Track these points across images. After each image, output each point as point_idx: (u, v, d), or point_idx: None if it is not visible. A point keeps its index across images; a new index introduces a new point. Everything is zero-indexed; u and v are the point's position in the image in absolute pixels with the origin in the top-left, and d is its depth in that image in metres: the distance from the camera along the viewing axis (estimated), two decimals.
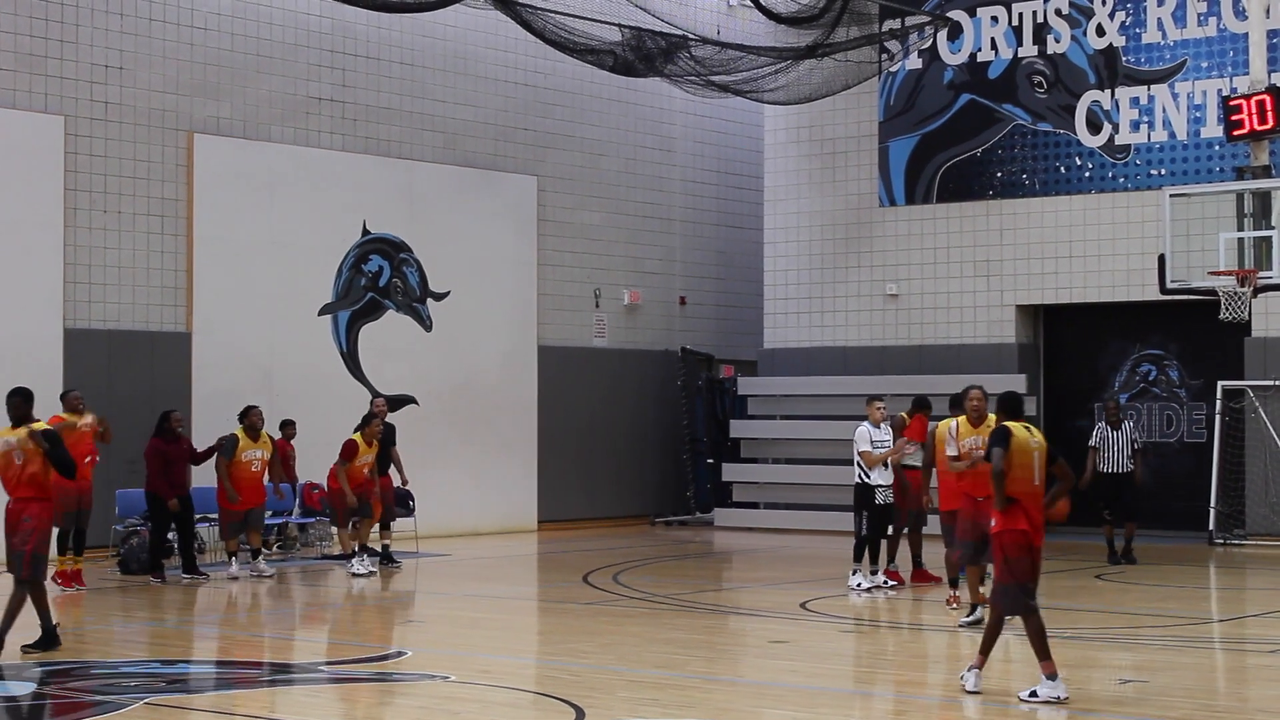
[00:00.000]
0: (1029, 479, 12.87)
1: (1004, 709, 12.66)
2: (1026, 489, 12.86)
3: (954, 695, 13.34)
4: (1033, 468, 12.89)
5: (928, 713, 12.54)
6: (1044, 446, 13.09)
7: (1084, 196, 27.89)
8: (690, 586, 21.13)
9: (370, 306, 27.09)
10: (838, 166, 30.26)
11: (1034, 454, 12.94)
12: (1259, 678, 14.38)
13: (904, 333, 29.46)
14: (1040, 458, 12.98)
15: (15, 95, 23.18)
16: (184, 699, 12.96)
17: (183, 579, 20.82)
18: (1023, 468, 12.86)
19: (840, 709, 12.73)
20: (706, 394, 31.57)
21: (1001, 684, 13.75)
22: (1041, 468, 12.98)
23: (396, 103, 27.43)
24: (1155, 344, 28.27)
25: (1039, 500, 13.01)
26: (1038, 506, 13.01)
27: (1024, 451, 12.90)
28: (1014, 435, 12.96)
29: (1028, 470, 12.87)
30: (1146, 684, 13.35)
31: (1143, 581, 21.47)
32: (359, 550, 22.10)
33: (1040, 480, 12.97)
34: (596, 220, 30.48)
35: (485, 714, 12.18)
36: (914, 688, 13.57)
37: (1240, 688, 14.00)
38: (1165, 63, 27.25)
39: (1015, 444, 12.90)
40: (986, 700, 13.10)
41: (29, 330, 23.11)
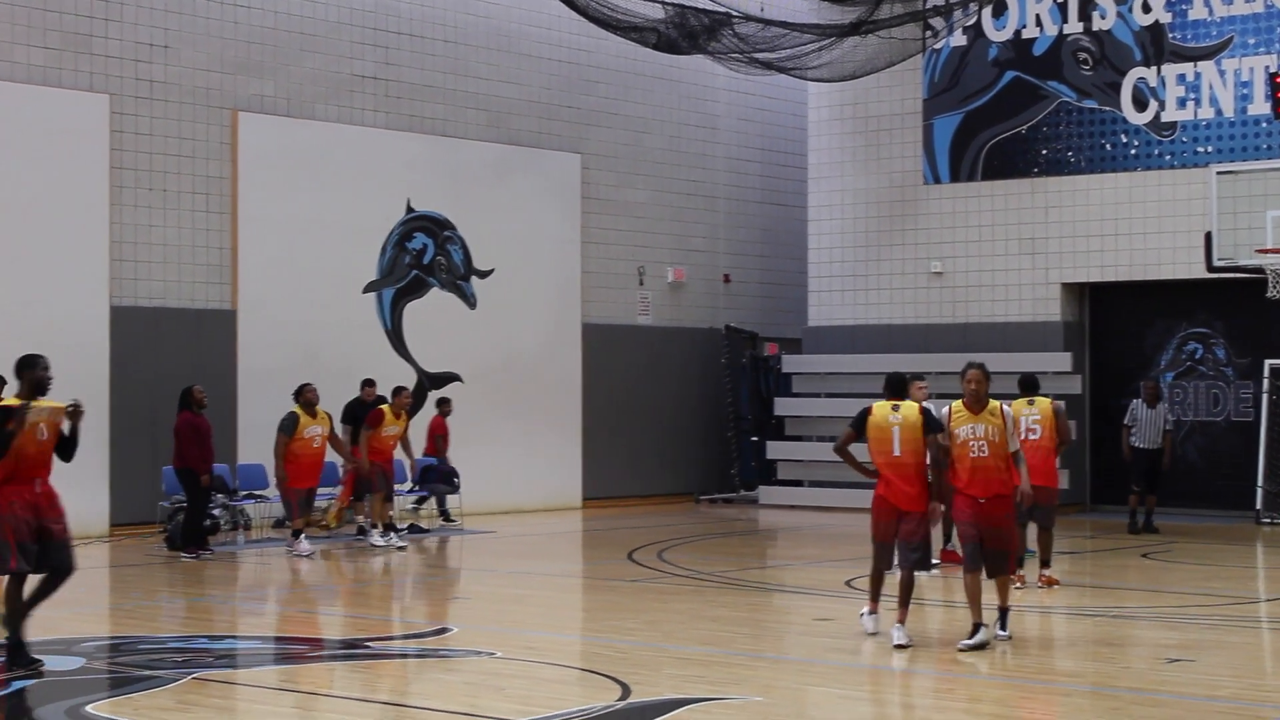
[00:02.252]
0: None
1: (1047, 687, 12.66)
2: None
3: (999, 673, 13.34)
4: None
5: (971, 689, 12.54)
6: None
7: (1130, 174, 27.76)
8: (735, 564, 21.15)
9: (414, 284, 27.16)
10: (882, 144, 30.19)
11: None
12: None
13: (948, 310, 29.39)
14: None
15: (61, 74, 23.29)
16: (231, 674, 13.03)
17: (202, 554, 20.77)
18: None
19: (884, 686, 12.74)
20: (751, 372, 31.55)
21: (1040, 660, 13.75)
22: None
23: (440, 80, 27.46)
24: (1201, 322, 28.15)
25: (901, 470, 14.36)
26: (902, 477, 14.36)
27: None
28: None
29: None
30: (1194, 663, 13.32)
31: (1189, 561, 21.41)
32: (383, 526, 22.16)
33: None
34: (641, 198, 30.48)
35: (531, 690, 12.22)
36: (958, 666, 13.56)
37: None
38: (1212, 39, 27.09)
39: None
40: (1027, 678, 13.09)
41: (75, 308, 23.22)
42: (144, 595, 18.06)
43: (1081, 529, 25.19)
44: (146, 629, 15.50)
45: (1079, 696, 12.21)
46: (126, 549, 21.89)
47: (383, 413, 22.21)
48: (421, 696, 12.16)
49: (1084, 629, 15.60)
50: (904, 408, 14.79)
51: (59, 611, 16.54)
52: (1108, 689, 12.21)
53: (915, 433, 14.52)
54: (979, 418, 13.99)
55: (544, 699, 11.79)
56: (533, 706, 11.40)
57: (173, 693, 11.95)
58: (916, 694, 12.57)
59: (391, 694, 12.29)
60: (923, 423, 14.66)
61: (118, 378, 23.50)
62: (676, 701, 11.55)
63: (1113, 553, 22.28)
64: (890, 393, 14.98)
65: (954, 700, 12.17)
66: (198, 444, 20.99)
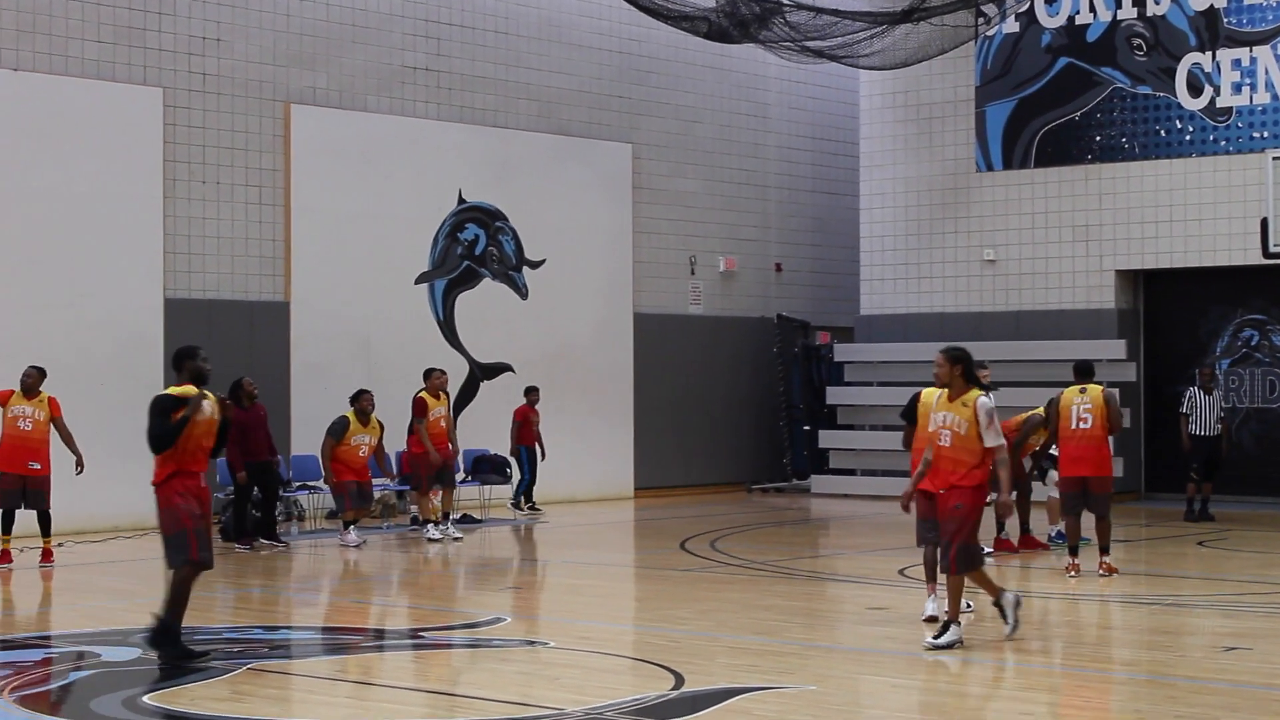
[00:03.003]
0: None
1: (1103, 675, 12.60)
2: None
3: (1054, 661, 13.29)
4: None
5: (1028, 678, 12.50)
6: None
7: (1184, 160, 27.61)
8: (787, 553, 21.14)
9: (466, 275, 27.20)
10: (934, 131, 30.09)
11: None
12: None
13: (1002, 298, 29.29)
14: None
15: (115, 68, 23.40)
16: (286, 664, 13.08)
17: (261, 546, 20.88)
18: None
19: (938, 675, 12.70)
20: (803, 361, 31.50)
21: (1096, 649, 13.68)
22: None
23: (491, 71, 27.49)
24: (1258, 309, 27.98)
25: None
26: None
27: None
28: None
29: None
30: (1251, 651, 13.24)
31: (1245, 548, 21.29)
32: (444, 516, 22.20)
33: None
34: (692, 187, 30.46)
35: (585, 680, 12.22)
36: (1013, 654, 13.51)
37: None
38: (1267, 23, 26.90)
39: None
40: (1083, 666, 13.03)
41: (130, 300, 23.35)
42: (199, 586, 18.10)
43: (1137, 517, 25.08)
44: (201, 620, 15.54)
45: (1135, 685, 12.16)
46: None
47: (425, 400, 22.14)
48: (474, 686, 12.18)
49: (1140, 617, 15.53)
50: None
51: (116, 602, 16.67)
52: (1164, 678, 12.16)
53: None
54: (950, 406, 13.43)
55: (597, 688, 11.79)
56: (586, 696, 11.41)
57: (228, 683, 12.00)
58: (971, 683, 12.53)
59: (445, 683, 12.32)
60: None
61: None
62: (730, 691, 11.54)
63: (1169, 540, 22.18)
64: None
65: (1008, 689, 12.13)
66: (239, 439, 20.85)
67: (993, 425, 13.32)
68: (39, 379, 19.31)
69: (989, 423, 13.30)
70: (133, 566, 19.72)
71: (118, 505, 22.44)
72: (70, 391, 20.64)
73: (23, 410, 19.21)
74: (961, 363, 13.41)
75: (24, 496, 19.26)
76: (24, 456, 19.15)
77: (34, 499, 19.25)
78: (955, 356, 13.46)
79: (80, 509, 21.63)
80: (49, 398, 19.32)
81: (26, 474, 19.16)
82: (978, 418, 13.28)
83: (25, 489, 19.23)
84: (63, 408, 19.43)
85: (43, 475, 19.24)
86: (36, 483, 19.22)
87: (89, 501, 21.99)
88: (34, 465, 19.18)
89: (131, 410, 22.64)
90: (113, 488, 22.18)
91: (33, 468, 19.17)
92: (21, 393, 19.26)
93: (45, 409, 19.25)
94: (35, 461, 19.19)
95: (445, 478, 22.19)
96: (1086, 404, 17.87)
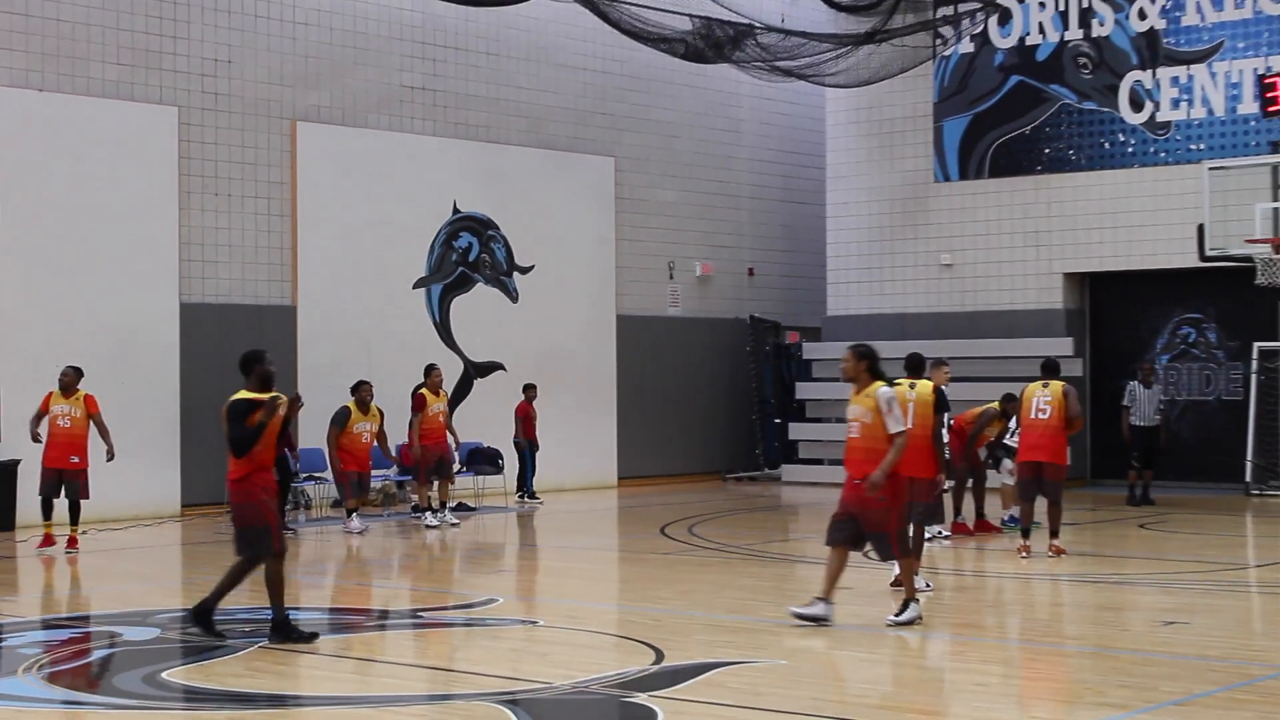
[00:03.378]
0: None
1: (1052, 649, 12.65)
2: None
3: (1008, 636, 13.34)
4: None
5: (983, 651, 12.54)
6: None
7: (1127, 170, 27.68)
8: (760, 537, 21.16)
9: (461, 280, 27.20)
10: (895, 145, 30.13)
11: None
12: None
13: (958, 300, 29.34)
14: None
15: (133, 88, 23.38)
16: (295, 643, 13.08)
17: None
18: None
19: (900, 649, 12.74)
20: (774, 358, 31.53)
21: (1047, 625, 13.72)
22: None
23: (483, 90, 27.49)
24: (1195, 308, 28.06)
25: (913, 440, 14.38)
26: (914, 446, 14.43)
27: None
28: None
29: None
30: (1188, 625, 13.30)
31: (1183, 530, 21.36)
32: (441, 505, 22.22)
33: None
34: (670, 197, 30.48)
35: (572, 656, 12.25)
36: (971, 630, 13.56)
37: (1276, 628, 13.93)
38: (1204, 44, 26.98)
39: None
40: (1035, 640, 13.09)
41: (148, 305, 23.34)
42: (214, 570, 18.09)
43: (1083, 502, 25.14)
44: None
45: (1082, 658, 12.20)
46: (197, 528, 21.99)
47: (424, 396, 22.14)
48: (469, 662, 12.20)
49: (1086, 595, 15.59)
50: (919, 385, 15.55)
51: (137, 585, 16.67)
52: (1109, 650, 12.20)
53: (927, 409, 15.46)
54: (858, 399, 13.20)
55: (583, 664, 11.81)
56: (573, 671, 11.43)
57: (241, 660, 12.01)
58: (930, 657, 12.57)
59: (442, 660, 12.34)
60: (935, 400, 15.33)
61: (187, 369, 23.60)
62: (707, 665, 11.56)
63: (1113, 524, 22.24)
64: (909, 371, 15.89)
65: (966, 662, 12.17)
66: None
67: (893, 413, 13.07)
68: (76, 378, 19.36)
69: (889, 410, 13.05)
70: (152, 552, 19.71)
71: (139, 495, 22.45)
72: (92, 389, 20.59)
73: (62, 409, 19.25)
74: (867, 359, 13.22)
75: (61, 487, 19.28)
76: (65, 452, 19.19)
77: (70, 490, 19.27)
78: (861, 353, 13.25)
79: (103, 499, 21.61)
80: (86, 395, 19.35)
81: (66, 467, 19.19)
82: (879, 406, 13.07)
83: (63, 480, 19.25)
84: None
85: (80, 469, 19.26)
86: (74, 475, 19.25)
87: (111, 492, 21.99)
88: (74, 459, 19.22)
89: (150, 406, 22.74)
90: (133, 480, 22.20)
91: (72, 461, 19.21)
92: (60, 391, 19.32)
93: (82, 406, 19.27)
94: (75, 455, 19.23)
95: (443, 469, 22.20)
96: (1047, 397, 17.94)
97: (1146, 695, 10.41)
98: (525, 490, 25.67)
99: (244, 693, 10.83)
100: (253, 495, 12.82)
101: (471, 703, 10.47)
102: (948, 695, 10.98)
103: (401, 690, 11.28)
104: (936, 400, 15.89)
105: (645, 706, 10.27)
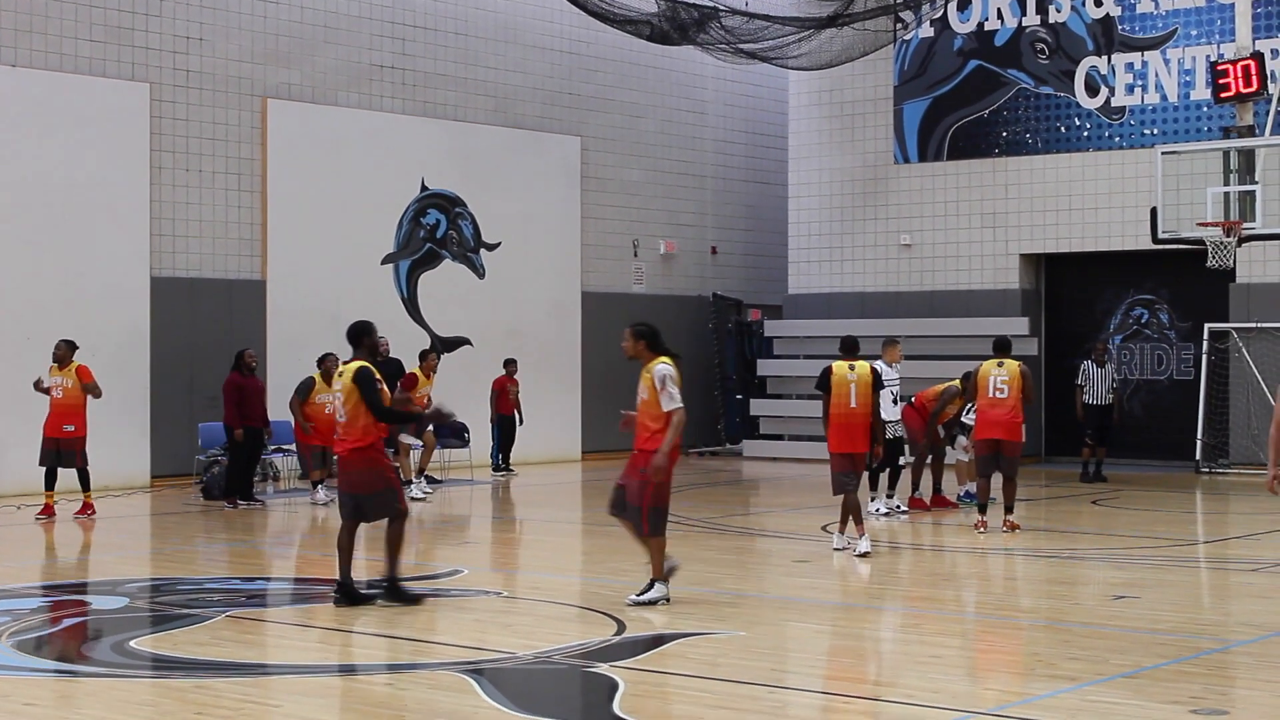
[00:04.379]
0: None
1: (1006, 621, 12.68)
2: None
3: (963, 609, 13.37)
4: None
5: (939, 624, 12.57)
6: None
7: (1083, 154, 27.73)
8: (721, 511, 21.17)
9: (429, 256, 27.12)
10: (856, 127, 30.12)
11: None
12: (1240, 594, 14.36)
13: (916, 279, 29.37)
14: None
15: (105, 64, 23.22)
16: (261, 612, 13.06)
17: (239, 505, 20.79)
18: None
19: (857, 621, 12.77)
20: (736, 336, 31.53)
21: (1000, 598, 13.73)
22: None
23: (451, 69, 27.38)
24: (1148, 289, 28.14)
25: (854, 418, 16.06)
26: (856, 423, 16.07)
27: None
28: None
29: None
30: (1138, 599, 13.35)
31: (1134, 507, 21.44)
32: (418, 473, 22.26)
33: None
34: (635, 177, 30.42)
35: (536, 626, 12.23)
36: (925, 603, 13.59)
37: (1223, 603, 13.99)
38: (1158, 30, 27.03)
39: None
40: (988, 613, 13.12)
41: (119, 278, 23.21)
42: (182, 540, 18.09)
43: (1037, 478, 25.23)
44: (185, 571, 15.52)
45: (1034, 630, 12.24)
46: (166, 498, 21.91)
47: (416, 376, 22.27)
48: (434, 632, 12.17)
49: (1040, 569, 15.63)
50: (859, 366, 16.16)
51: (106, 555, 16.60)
52: (1060, 623, 12.24)
53: (867, 388, 16.17)
54: (642, 376, 12.99)
55: (546, 634, 11.81)
56: (536, 641, 11.42)
57: (208, 629, 11.98)
58: (886, 629, 12.60)
59: (407, 630, 12.31)
60: (872, 380, 16.08)
61: (158, 342, 23.48)
62: (667, 636, 11.57)
63: (1066, 500, 22.32)
64: (845, 353, 16.59)
65: (921, 634, 12.19)
66: (236, 403, 20.98)
67: (665, 390, 12.76)
68: (68, 351, 19.71)
69: (662, 387, 12.80)
70: (121, 523, 19.63)
71: (109, 466, 22.31)
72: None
73: (56, 380, 19.61)
74: (645, 337, 13.00)
75: (59, 457, 19.57)
76: (60, 421, 19.52)
77: (68, 459, 19.55)
78: (639, 332, 13.03)
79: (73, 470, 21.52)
80: (79, 366, 19.65)
81: (61, 436, 19.49)
82: (654, 383, 12.81)
83: (60, 450, 19.54)
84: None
85: (76, 437, 19.56)
86: (70, 444, 19.52)
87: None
88: (68, 428, 19.49)
89: (121, 378, 22.61)
90: (104, 451, 22.05)
91: (66, 430, 19.48)
92: (55, 364, 19.65)
93: (74, 377, 19.56)
94: (69, 424, 19.50)
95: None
96: (1004, 376, 17.99)
97: (1097, 668, 10.44)
98: (495, 463, 25.64)
99: (211, 661, 10.79)
100: (379, 460, 13.19)
101: (436, 672, 10.45)
102: (903, 667, 10.99)
103: (367, 659, 11.25)
104: (874, 379, 16.47)
105: (607, 677, 10.27)
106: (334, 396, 13.19)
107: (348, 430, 12.97)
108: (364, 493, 13.07)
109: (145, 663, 10.92)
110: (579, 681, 10.43)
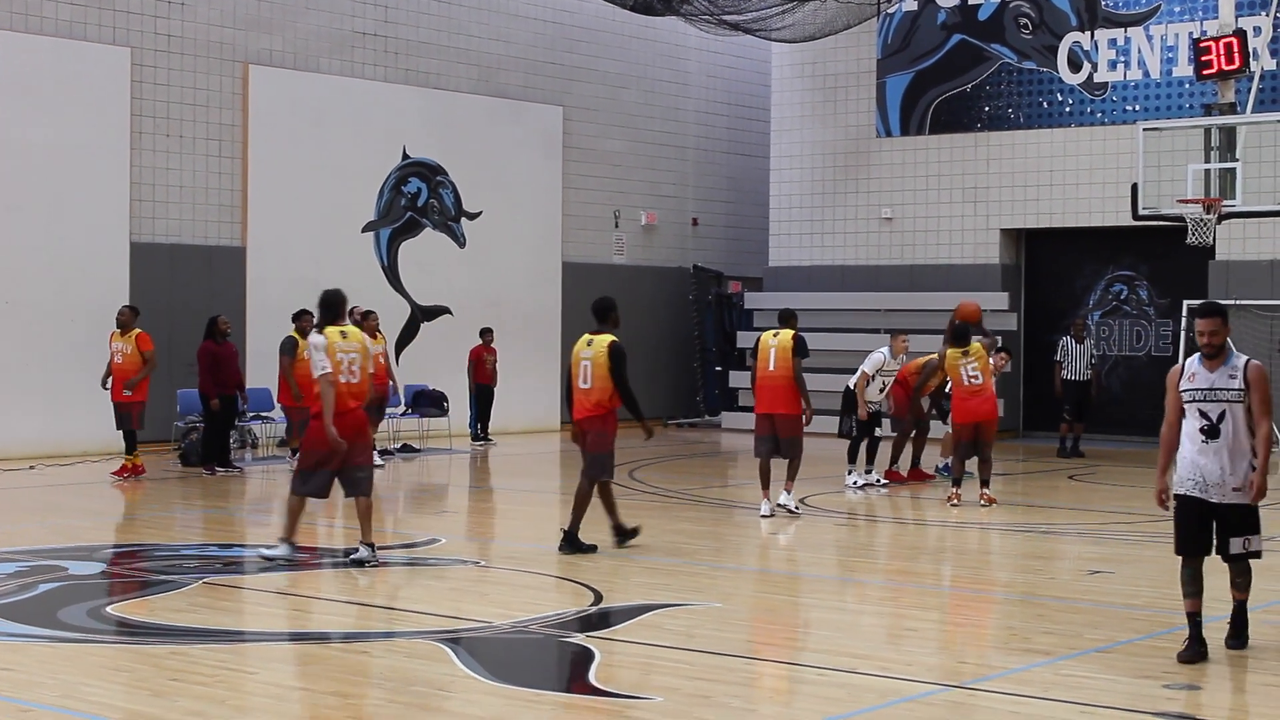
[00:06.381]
0: None
1: (982, 595, 12.71)
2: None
3: (940, 582, 13.40)
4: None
5: (915, 596, 12.59)
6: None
7: (1064, 130, 27.73)
8: (699, 483, 21.19)
9: (409, 225, 27.06)
10: (838, 100, 30.09)
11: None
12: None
13: (897, 253, 29.38)
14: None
15: (86, 28, 23.10)
16: (238, 579, 13.05)
17: (216, 471, 20.74)
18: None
19: (834, 594, 12.79)
20: (716, 308, 31.53)
21: (977, 571, 13.77)
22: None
23: (434, 37, 27.29)
24: (1127, 265, 28.18)
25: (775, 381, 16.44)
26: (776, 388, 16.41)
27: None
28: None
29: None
30: (1113, 574, 13.39)
31: (1111, 482, 21.50)
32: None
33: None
34: (617, 147, 30.37)
35: (513, 596, 12.24)
36: (902, 575, 13.61)
37: None
38: (1141, 7, 27.02)
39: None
40: (965, 587, 13.14)
41: (99, 244, 23.13)
42: (160, 507, 18.07)
43: (1015, 453, 25.28)
44: (162, 538, 15.50)
45: (1010, 604, 12.28)
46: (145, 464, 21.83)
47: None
48: (411, 601, 12.18)
49: (1016, 543, 15.67)
50: (781, 333, 16.60)
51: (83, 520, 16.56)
52: (1036, 597, 12.27)
53: (787, 354, 16.47)
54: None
55: (523, 604, 11.82)
56: (513, 610, 11.43)
57: (185, 595, 11.97)
58: (862, 602, 12.62)
59: (384, 598, 12.32)
60: (794, 346, 16.38)
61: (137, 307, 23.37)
62: (644, 607, 11.58)
63: (1043, 474, 22.37)
64: (781, 323, 16.81)
65: (898, 607, 12.22)
66: (211, 370, 20.94)
67: (313, 358, 13.43)
68: (131, 316, 20.29)
69: (312, 356, 13.48)
70: (99, 488, 19.59)
71: (87, 432, 22.27)
72: (44, 327, 20.50)
73: (117, 345, 20.18)
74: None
75: (122, 419, 20.16)
76: (120, 384, 20.05)
77: (123, 420, 20.09)
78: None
79: (51, 434, 21.49)
80: (139, 333, 20.16)
81: (120, 399, 20.05)
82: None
83: (118, 412, 20.12)
84: (41, 339, 19.75)
85: (132, 400, 20.03)
86: (126, 407, 20.05)
87: (61, 428, 21.86)
88: (126, 392, 19.99)
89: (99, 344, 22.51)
90: (82, 416, 22.04)
91: (125, 394, 19.99)
92: (118, 329, 20.22)
93: (133, 343, 20.07)
94: (127, 390, 19.98)
95: (380, 410, 21.92)
96: (974, 364, 18.08)
97: (1071, 642, 10.47)
98: (474, 432, 25.64)
99: (187, 627, 10.78)
100: (613, 428, 14.58)
101: (413, 641, 10.45)
102: (879, 639, 11.02)
103: (343, 628, 11.25)
104: (795, 346, 16.63)
105: (583, 646, 10.28)
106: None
107: (603, 396, 14.58)
108: (600, 451, 14.45)
109: (121, 629, 10.90)
110: (555, 651, 10.44)
